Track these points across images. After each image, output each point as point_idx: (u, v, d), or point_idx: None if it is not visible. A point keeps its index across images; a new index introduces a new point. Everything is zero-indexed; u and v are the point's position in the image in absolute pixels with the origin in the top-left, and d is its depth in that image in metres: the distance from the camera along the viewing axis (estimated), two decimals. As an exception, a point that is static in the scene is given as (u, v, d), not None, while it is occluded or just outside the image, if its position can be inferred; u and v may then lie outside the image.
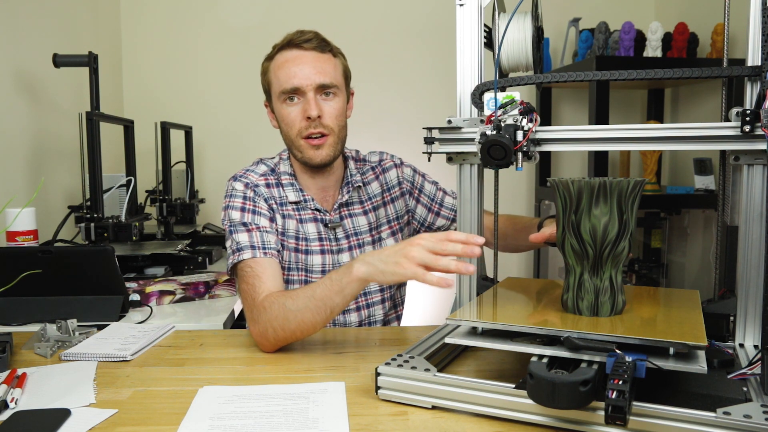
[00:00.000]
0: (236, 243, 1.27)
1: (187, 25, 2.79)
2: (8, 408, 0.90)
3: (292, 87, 1.30)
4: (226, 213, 1.33)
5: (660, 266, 2.72)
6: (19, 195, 1.84)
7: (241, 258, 1.25)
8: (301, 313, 1.11)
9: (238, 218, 1.30)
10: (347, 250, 1.40)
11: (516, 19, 1.07)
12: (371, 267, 1.04)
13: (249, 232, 1.28)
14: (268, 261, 1.25)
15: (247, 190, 1.35)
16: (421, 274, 0.97)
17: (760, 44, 0.88)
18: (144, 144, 2.33)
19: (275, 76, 1.33)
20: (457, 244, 0.98)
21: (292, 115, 1.32)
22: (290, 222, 1.37)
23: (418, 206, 1.51)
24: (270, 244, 1.28)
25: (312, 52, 1.31)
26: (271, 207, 1.35)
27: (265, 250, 1.27)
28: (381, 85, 2.81)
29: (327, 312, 1.10)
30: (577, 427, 0.79)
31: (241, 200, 1.33)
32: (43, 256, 1.41)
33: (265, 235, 1.29)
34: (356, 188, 1.44)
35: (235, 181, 1.37)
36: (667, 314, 0.95)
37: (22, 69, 1.95)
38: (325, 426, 0.83)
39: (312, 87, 1.30)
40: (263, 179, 1.38)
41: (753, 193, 0.92)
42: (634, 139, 0.94)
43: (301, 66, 1.30)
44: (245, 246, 1.26)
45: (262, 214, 1.32)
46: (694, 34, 2.46)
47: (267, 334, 1.14)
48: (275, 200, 1.37)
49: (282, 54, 1.33)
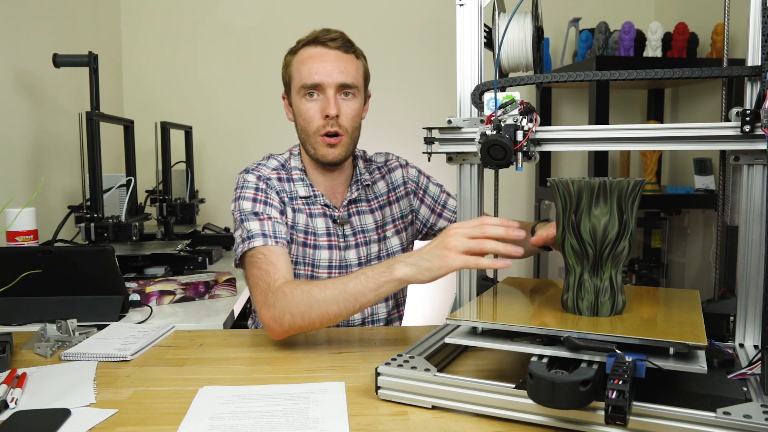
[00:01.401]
0: (247, 231, 1.27)
1: (187, 25, 2.79)
2: (8, 408, 0.90)
3: (313, 83, 1.31)
4: (237, 204, 1.33)
5: (660, 266, 2.72)
6: (19, 195, 1.84)
7: (253, 245, 1.24)
8: (327, 305, 1.09)
9: (250, 208, 1.31)
10: (354, 247, 1.41)
11: (516, 19, 1.07)
12: (414, 267, 1.03)
13: (261, 221, 1.29)
14: (280, 249, 1.25)
15: (260, 182, 1.35)
16: (473, 261, 0.97)
17: (760, 44, 0.88)
18: (144, 144, 2.33)
19: (297, 71, 1.34)
20: (499, 227, 0.97)
21: (311, 112, 1.33)
22: (300, 216, 1.37)
23: (422, 207, 1.52)
24: (281, 234, 1.29)
25: (336, 51, 1.33)
26: (282, 200, 1.36)
27: (277, 239, 1.27)
28: (381, 85, 2.79)
29: (356, 307, 1.09)
30: (577, 427, 0.79)
31: (253, 191, 1.34)
32: (43, 256, 1.41)
33: (276, 225, 1.29)
34: (365, 187, 1.45)
35: (247, 174, 1.37)
36: (667, 314, 0.95)
37: (22, 69, 1.95)
38: (325, 426, 0.83)
39: (333, 85, 1.31)
40: (275, 173, 1.39)
41: (753, 193, 0.92)
42: (634, 139, 0.94)
43: (324, 63, 1.31)
44: (257, 234, 1.26)
45: (273, 206, 1.33)
46: (694, 34, 2.46)
47: (283, 320, 1.12)
48: (286, 194, 1.38)
49: (306, 50, 1.34)
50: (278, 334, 1.15)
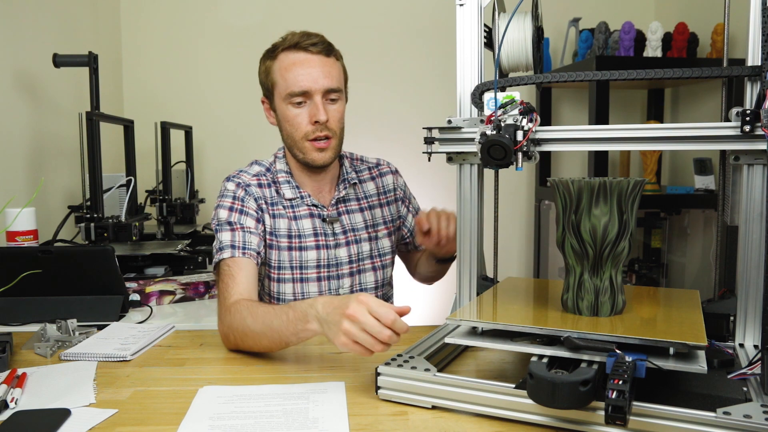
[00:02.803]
0: (219, 242, 1.30)
1: (187, 25, 2.79)
2: (8, 408, 0.90)
3: (300, 90, 1.31)
4: (216, 212, 1.36)
5: (660, 266, 2.72)
6: (19, 195, 1.84)
7: (222, 257, 1.28)
8: (258, 337, 1.11)
9: (225, 217, 1.33)
10: (345, 245, 1.41)
11: (516, 19, 1.07)
12: (321, 327, 1.00)
13: (233, 231, 1.31)
14: (245, 261, 1.27)
15: (238, 189, 1.37)
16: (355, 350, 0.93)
17: (760, 44, 0.88)
18: (144, 144, 2.33)
19: (281, 77, 1.33)
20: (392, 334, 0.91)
21: (299, 118, 1.33)
22: (281, 221, 1.38)
23: (409, 216, 1.56)
24: (251, 245, 1.30)
25: (319, 56, 1.33)
26: (260, 207, 1.37)
27: (245, 251, 1.28)
28: (381, 85, 2.81)
29: (281, 344, 1.10)
30: (577, 427, 0.79)
31: (230, 200, 1.35)
32: (43, 256, 1.41)
33: (247, 235, 1.31)
34: (352, 185, 1.47)
35: (228, 182, 1.39)
36: (667, 314, 0.95)
37: (22, 69, 1.95)
38: (325, 426, 0.83)
39: (320, 91, 1.31)
40: (255, 179, 1.40)
41: (753, 193, 0.92)
42: (634, 139, 0.94)
43: (309, 69, 1.31)
44: (226, 245, 1.29)
45: (249, 214, 1.34)
46: (694, 34, 2.46)
47: (228, 338, 1.18)
48: (266, 200, 1.38)
49: (288, 55, 1.33)
50: (229, 348, 1.19)
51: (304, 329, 1.04)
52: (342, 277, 1.41)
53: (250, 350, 1.15)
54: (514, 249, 2.96)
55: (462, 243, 1.10)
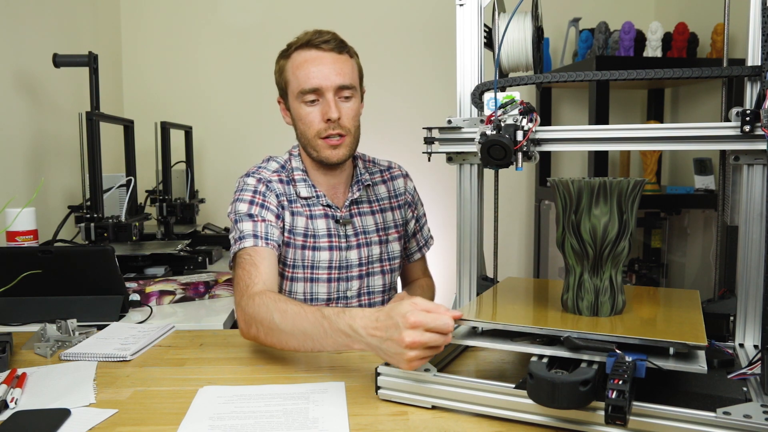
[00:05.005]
0: (239, 231, 1.28)
1: (187, 25, 2.79)
2: (8, 408, 0.90)
3: (311, 87, 1.31)
4: (234, 206, 1.34)
5: (660, 266, 2.72)
6: (19, 195, 1.84)
7: (243, 246, 1.25)
8: (286, 338, 1.04)
9: (245, 210, 1.31)
10: (356, 248, 1.41)
11: (516, 19, 1.07)
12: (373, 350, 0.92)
13: (254, 222, 1.29)
14: (267, 251, 1.25)
15: (260, 184, 1.36)
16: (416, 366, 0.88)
17: (760, 44, 0.88)
18: (144, 144, 2.33)
19: (293, 76, 1.33)
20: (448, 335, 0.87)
21: (311, 116, 1.33)
22: (299, 219, 1.37)
23: (412, 221, 1.56)
24: (273, 236, 1.29)
25: (331, 53, 1.32)
26: (281, 204, 1.36)
27: (267, 241, 1.27)
28: (381, 85, 2.80)
29: (311, 349, 1.03)
30: (577, 427, 0.79)
31: (251, 194, 1.34)
32: (43, 256, 1.41)
33: (269, 227, 1.30)
34: (365, 187, 1.46)
35: (248, 177, 1.38)
36: (667, 314, 0.95)
37: (22, 69, 1.95)
38: (325, 426, 0.83)
39: (332, 88, 1.31)
40: (276, 175, 1.39)
41: (753, 193, 0.92)
42: (634, 139, 0.94)
43: (320, 67, 1.31)
44: (248, 234, 1.27)
45: (270, 209, 1.33)
46: (694, 34, 2.46)
47: (250, 327, 1.11)
48: (286, 197, 1.38)
49: (300, 54, 1.33)
50: (246, 337, 1.14)
51: (347, 346, 0.96)
52: (351, 280, 1.41)
53: (272, 346, 1.09)
54: (514, 249, 2.96)
55: (462, 243, 1.10)
